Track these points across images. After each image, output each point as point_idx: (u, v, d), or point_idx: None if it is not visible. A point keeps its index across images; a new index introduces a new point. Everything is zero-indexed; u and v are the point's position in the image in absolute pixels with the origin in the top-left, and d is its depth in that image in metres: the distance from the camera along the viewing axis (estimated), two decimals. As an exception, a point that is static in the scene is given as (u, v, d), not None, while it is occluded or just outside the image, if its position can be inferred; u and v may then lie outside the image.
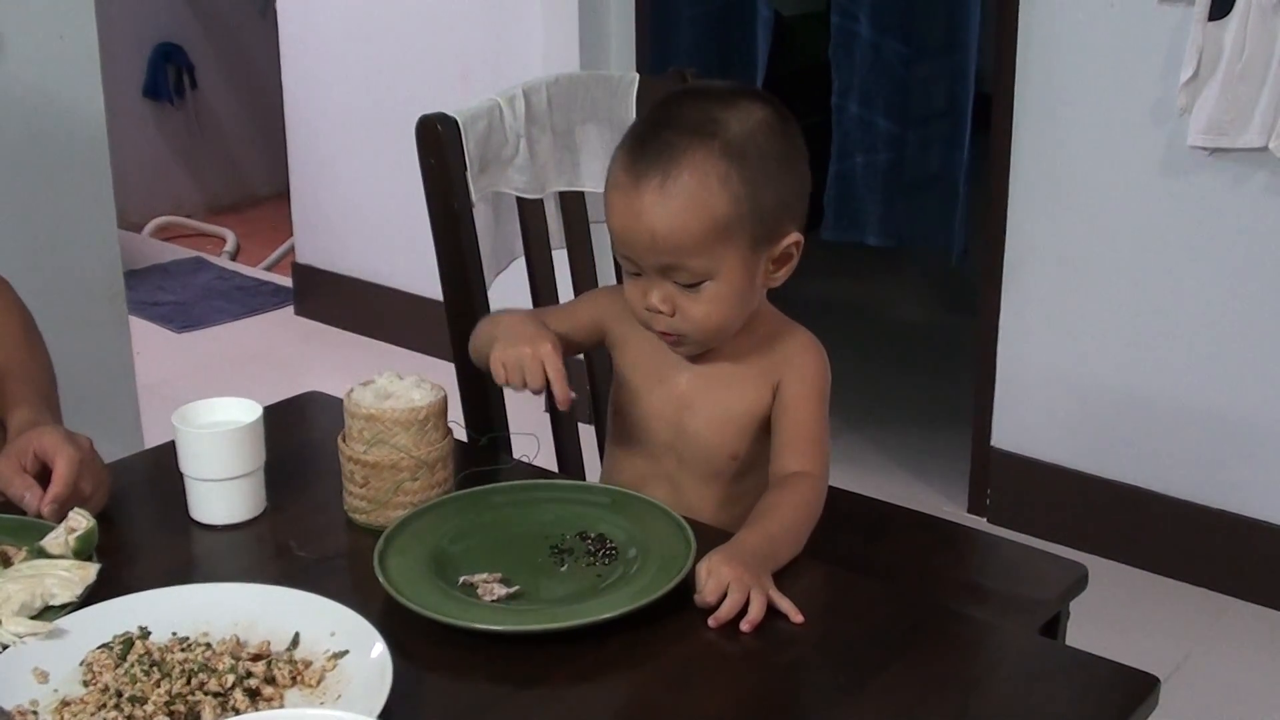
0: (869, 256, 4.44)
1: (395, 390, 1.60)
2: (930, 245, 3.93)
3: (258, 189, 6.08)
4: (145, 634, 1.34)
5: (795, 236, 1.63)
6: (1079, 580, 1.97)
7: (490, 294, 2.02)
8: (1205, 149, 2.87)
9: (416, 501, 1.58)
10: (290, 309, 4.80)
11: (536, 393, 1.59)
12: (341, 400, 1.60)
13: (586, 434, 2.11)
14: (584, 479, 2.05)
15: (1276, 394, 2.96)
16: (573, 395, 1.58)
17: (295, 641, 1.34)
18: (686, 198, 1.55)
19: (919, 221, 3.95)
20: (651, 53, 3.77)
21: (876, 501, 2.22)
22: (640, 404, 1.75)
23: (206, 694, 1.25)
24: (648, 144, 1.58)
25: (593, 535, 1.54)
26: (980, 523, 3.38)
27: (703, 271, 1.58)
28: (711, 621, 1.39)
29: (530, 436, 1.80)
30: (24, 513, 1.55)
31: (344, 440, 1.60)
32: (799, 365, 1.69)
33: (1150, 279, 3.05)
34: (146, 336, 4.40)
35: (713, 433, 1.70)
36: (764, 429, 1.70)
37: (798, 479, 1.62)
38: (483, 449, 1.82)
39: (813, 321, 1.76)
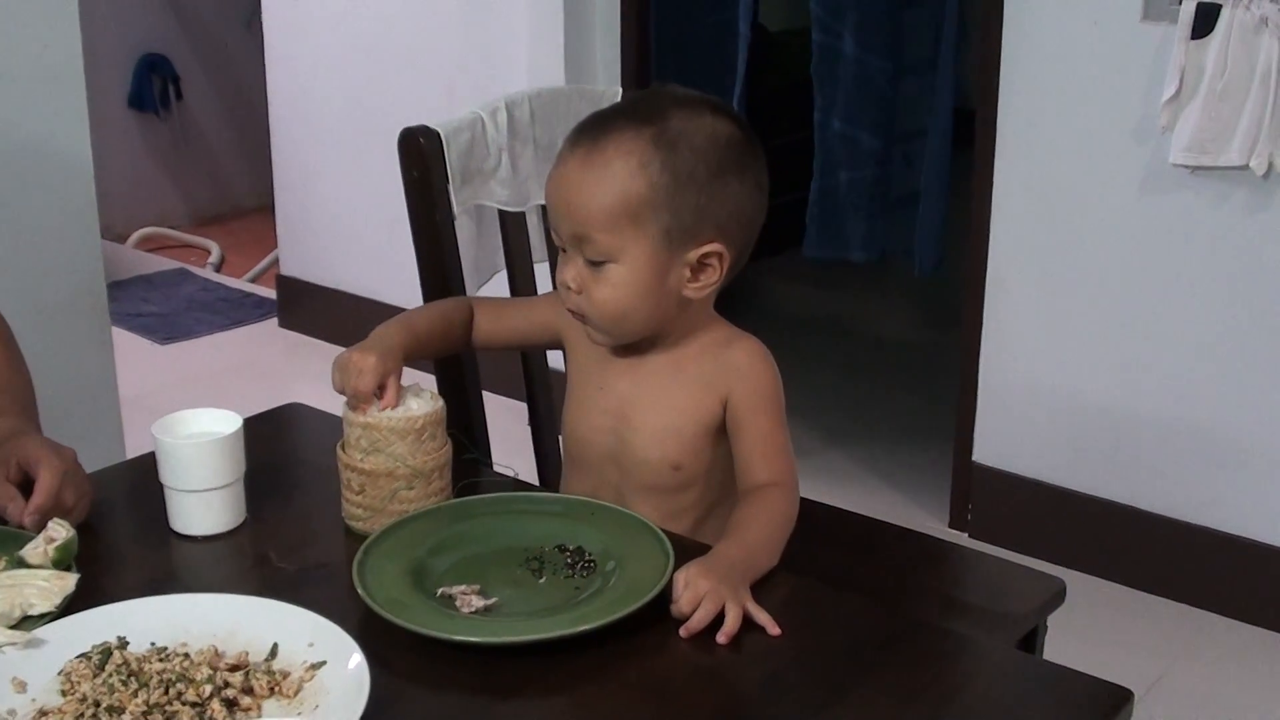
0: (851, 272, 4.46)
1: None
2: (905, 259, 3.96)
3: (242, 200, 6.07)
4: (123, 644, 1.34)
5: (716, 247, 1.62)
6: (1057, 595, 1.98)
7: (472, 306, 2.02)
8: (1187, 167, 2.88)
9: (414, 510, 1.58)
10: (274, 321, 4.80)
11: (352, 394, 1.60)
12: (321, 411, 1.61)
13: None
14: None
15: (1257, 410, 2.97)
16: (370, 409, 1.59)
17: (273, 652, 1.34)
18: (605, 170, 1.58)
19: (896, 237, 3.97)
20: (636, 67, 3.78)
21: (858, 516, 2.23)
22: (582, 413, 1.75)
23: (184, 704, 1.25)
24: (593, 121, 1.64)
25: (571, 547, 1.54)
26: (961, 537, 3.39)
27: (608, 250, 1.60)
28: (683, 631, 1.39)
29: (508, 469, 1.80)
30: (3, 522, 1.55)
31: (342, 448, 1.61)
32: (749, 376, 1.67)
33: (1131, 296, 3.07)
34: (129, 347, 4.39)
35: (653, 442, 1.69)
36: (709, 441, 1.69)
37: (769, 490, 1.62)
38: (465, 462, 1.82)
39: (795, 337, 1.77)
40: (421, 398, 1.62)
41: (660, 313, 1.65)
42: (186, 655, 1.32)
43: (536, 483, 2.08)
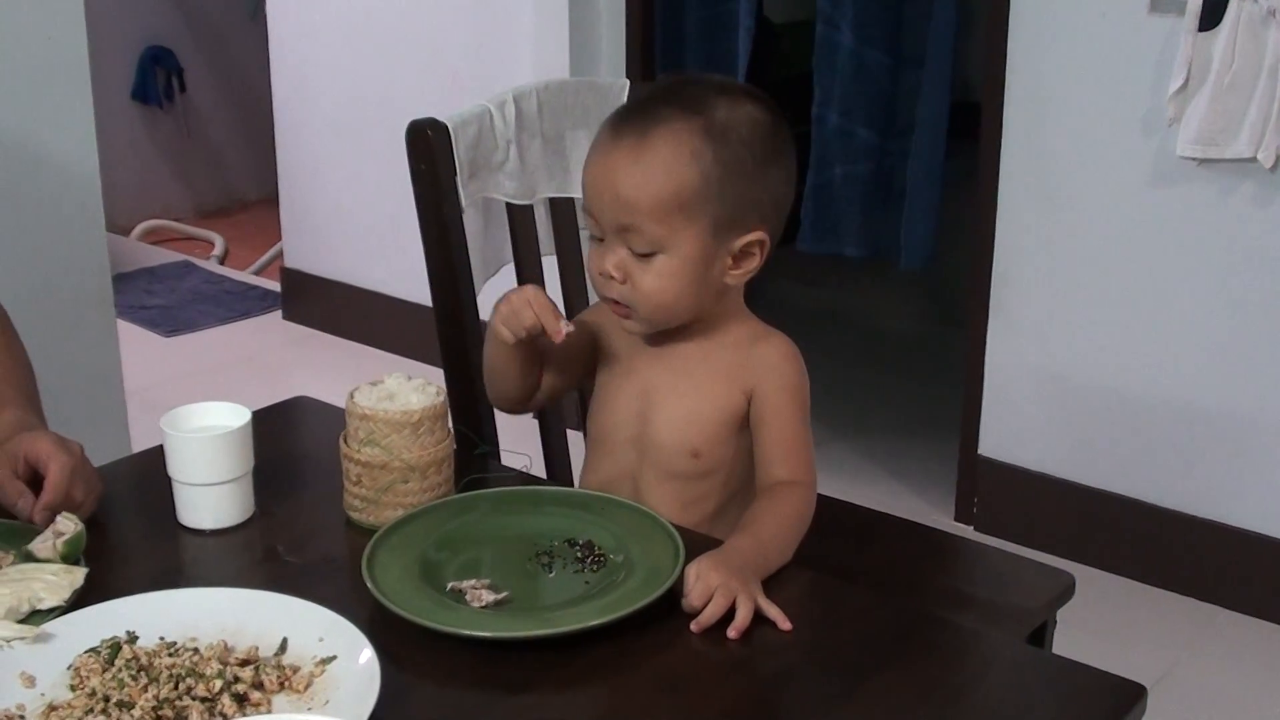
0: (856, 266, 4.45)
1: (399, 392, 1.61)
2: (895, 254, 3.94)
3: (246, 193, 6.07)
4: (133, 639, 1.34)
5: (759, 235, 1.63)
6: (1066, 589, 1.97)
7: (479, 300, 2.02)
8: (1194, 159, 2.88)
9: (412, 504, 1.58)
10: (278, 313, 4.80)
11: (532, 332, 1.61)
12: (329, 404, 1.61)
13: (575, 441, 2.11)
14: (573, 485, 2.04)
15: (1266, 403, 2.97)
16: (566, 327, 1.60)
17: (283, 647, 1.34)
18: (656, 161, 1.58)
19: (890, 233, 3.96)
20: (642, 59, 3.77)
21: (864, 509, 2.22)
22: (609, 396, 1.76)
23: (194, 699, 1.25)
24: (636, 110, 1.64)
25: (581, 542, 1.54)
26: (967, 531, 3.39)
27: (657, 241, 1.59)
28: (694, 626, 1.39)
29: (524, 456, 1.80)
30: (12, 516, 1.55)
31: (344, 439, 1.61)
32: (777, 373, 1.68)
33: (1138, 288, 3.06)
34: (134, 340, 4.38)
35: (673, 428, 1.70)
36: (730, 432, 1.69)
37: (787, 487, 1.62)
38: (475, 457, 1.81)
39: (800, 330, 1.76)
40: (421, 392, 1.62)
41: (702, 300, 1.66)
42: (196, 650, 1.31)
43: (545, 476, 2.07)
